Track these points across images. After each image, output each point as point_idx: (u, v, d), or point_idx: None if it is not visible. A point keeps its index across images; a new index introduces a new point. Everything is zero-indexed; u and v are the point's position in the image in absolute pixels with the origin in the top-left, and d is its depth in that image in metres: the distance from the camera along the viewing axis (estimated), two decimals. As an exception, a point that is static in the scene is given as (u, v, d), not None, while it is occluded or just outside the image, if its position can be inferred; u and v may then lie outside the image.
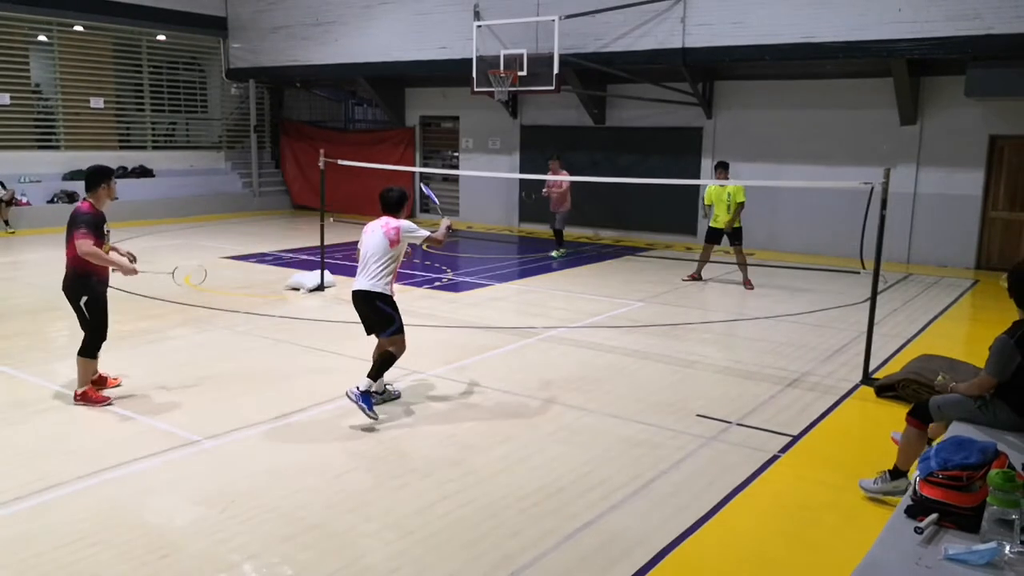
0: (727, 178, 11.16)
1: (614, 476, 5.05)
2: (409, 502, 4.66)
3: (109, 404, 6.11)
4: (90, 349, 6.17)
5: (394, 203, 6.23)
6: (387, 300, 6.05)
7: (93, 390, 6.18)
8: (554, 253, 13.99)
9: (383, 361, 6.03)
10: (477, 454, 5.40)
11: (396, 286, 6.09)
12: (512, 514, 4.54)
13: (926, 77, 13.42)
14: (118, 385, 6.54)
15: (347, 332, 8.72)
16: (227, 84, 20.90)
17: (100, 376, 6.47)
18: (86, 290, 6.03)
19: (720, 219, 11.34)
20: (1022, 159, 13.16)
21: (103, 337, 6.22)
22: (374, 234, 6.10)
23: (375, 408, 5.89)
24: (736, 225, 11.25)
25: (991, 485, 3.11)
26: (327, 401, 6.33)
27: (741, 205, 11.18)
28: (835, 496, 4.85)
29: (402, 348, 6.12)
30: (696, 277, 11.92)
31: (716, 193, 11.38)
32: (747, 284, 11.45)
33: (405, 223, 6.14)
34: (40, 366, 7.22)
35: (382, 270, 6.02)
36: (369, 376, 5.91)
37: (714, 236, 11.58)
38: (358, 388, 5.84)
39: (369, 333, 6.25)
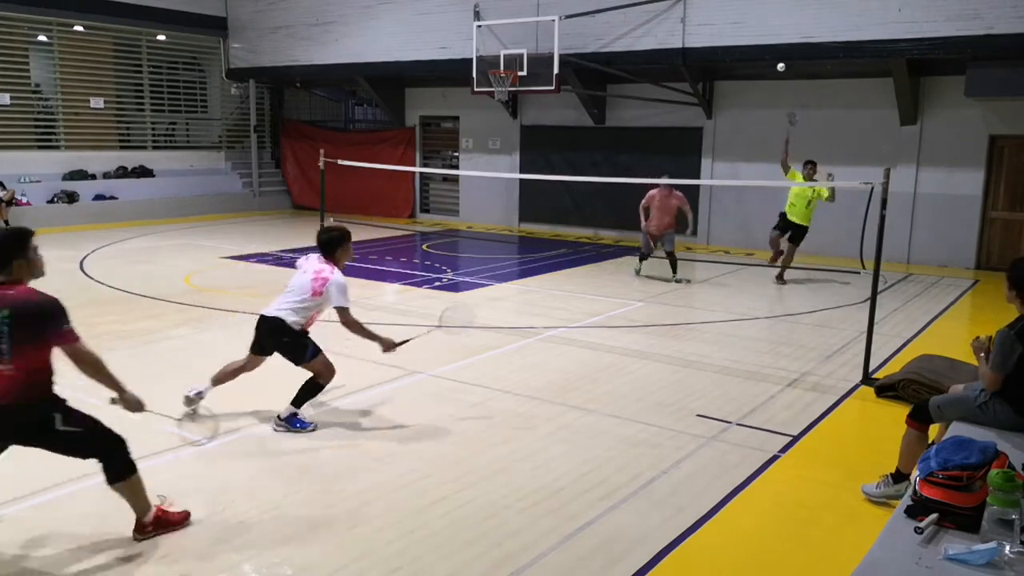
0: (815, 175, 11.23)
1: (614, 476, 5.05)
2: (409, 502, 4.66)
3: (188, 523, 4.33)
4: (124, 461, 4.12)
5: (324, 245, 5.79)
6: (292, 335, 5.67)
7: (163, 509, 4.27)
8: (677, 277, 11.78)
9: (310, 389, 5.71)
10: (477, 454, 5.40)
11: (396, 286, 5.98)
12: (512, 514, 4.54)
13: (926, 77, 13.42)
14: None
15: (346, 332, 8.71)
16: (227, 84, 20.90)
17: None
18: (57, 406, 3.94)
19: (797, 209, 11.47)
20: (1022, 159, 13.16)
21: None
22: (304, 275, 5.75)
23: (307, 420, 5.74)
24: (808, 223, 11.48)
25: (991, 485, 3.10)
26: (327, 401, 6.33)
27: (829, 198, 11.16)
28: (835, 496, 4.85)
29: (330, 372, 5.75)
30: (777, 256, 11.87)
31: (799, 192, 11.39)
32: (780, 278, 11.74)
33: (338, 280, 5.66)
34: (40, 366, 7.21)
35: (296, 307, 5.66)
36: (292, 403, 5.69)
37: (786, 227, 11.64)
38: (279, 417, 5.68)
39: (259, 354, 5.88)
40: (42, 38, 17.64)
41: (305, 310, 5.69)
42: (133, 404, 4.11)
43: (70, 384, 4.05)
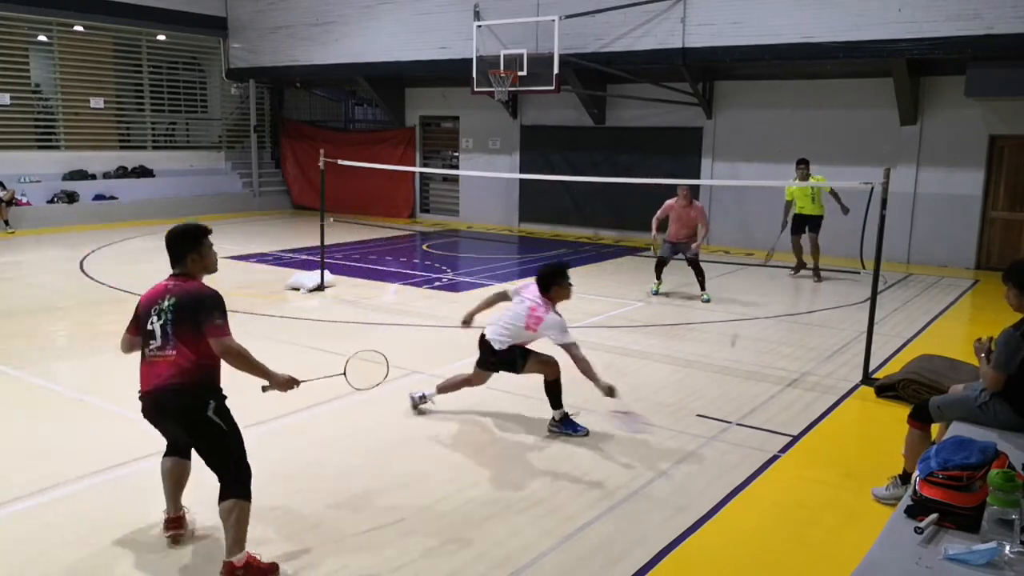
0: (809, 174, 11.61)
1: (614, 476, 5.05)
2: (409, 502, 4.66)
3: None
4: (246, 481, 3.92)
5: (539, 279, 5.73)
6: (499, 354, 5.75)
7: (255, 557, 3.88)
8: (705, 295, 10.57)
9: (550, 389, 5.78)
10: (477, 454, 5.40)
11: (396, 285, 5.96)
12: (512, 514, 4.54)
13: (926, 77, 13.42)
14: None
15: (347, 332, 8.72)
16: (227, 84, 20.90)
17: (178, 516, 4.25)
18: (213, 395, 4.01)
19: (807, 208, 11.84)
20: (1022, 159, 13.16)
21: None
22: (521, 304, 5.74)
23: (577, 421, 5.78)
24: (821, 212, 11.81)
25: (991, 485, 3.10)
26: (327, 401, 6.32)
27: (832, 192, 11.58)
28: (835, 496, 4.85)
29: (551, 367, 5.75)
30: (801, 266, 12.31)
31: (800, 189, 11.72)
32: (817, 274, 11.99)
33: (552, 320, 5.59)
34: (40, 366, 7.21)
35: (509, 332, 5.72)
36: (555, 408, 5.77)
37: (799, 227, 12.03)
38: (553, 419, 5.75)
39: (485, 370, 5.99)
40: (42, 38, 17.64)
41: (517, 336, 5.73)
42: (285, 384, 4.10)
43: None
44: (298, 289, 10.63)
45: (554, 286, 5.74)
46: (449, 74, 16.98)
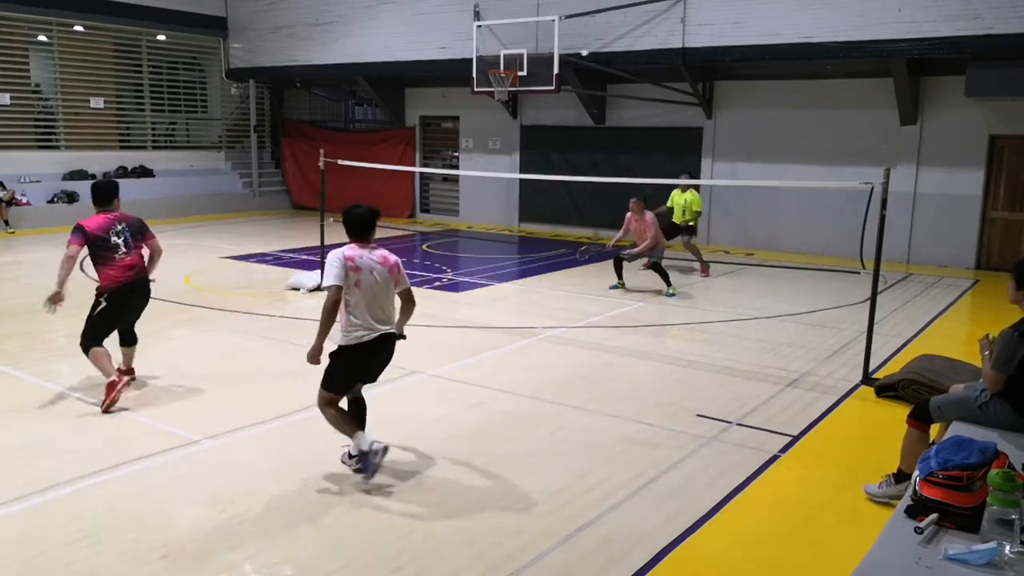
0: (688, 185, 12.43)
1: (614, 476, 5.05)
2: (409, 502, 4.66)
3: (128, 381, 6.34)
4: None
5: (370, 225, 4.93)
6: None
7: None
8: (670, 290, 10.93)
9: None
10: (477, 454, 5.40)
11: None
12: (512, 514, 4.54)
13: (926, 77, 13.41)
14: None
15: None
16: (227, 84, 20.90)
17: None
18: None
19: (679, 217, 12.60)
20: (1022, 159, 13.15)
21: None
22: (373, 272, 4.87)
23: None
24: (692, 223, 12.61)
25: (991, 485, 3.10)
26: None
27: (698, 214, 12.55)
28: (835, 496, 4.85)
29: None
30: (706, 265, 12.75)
31: (676, 198, 12.57)
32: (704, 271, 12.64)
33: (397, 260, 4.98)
34: (40, 366, 7.22)
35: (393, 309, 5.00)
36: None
37: (679, 232, 12.74)
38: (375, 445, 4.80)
39: (369, 382, 5.18)
40: (42, 38, 17.63)
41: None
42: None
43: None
44: (298, 289, 10.62)
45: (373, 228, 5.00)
46: (449, 74, 16.98)
